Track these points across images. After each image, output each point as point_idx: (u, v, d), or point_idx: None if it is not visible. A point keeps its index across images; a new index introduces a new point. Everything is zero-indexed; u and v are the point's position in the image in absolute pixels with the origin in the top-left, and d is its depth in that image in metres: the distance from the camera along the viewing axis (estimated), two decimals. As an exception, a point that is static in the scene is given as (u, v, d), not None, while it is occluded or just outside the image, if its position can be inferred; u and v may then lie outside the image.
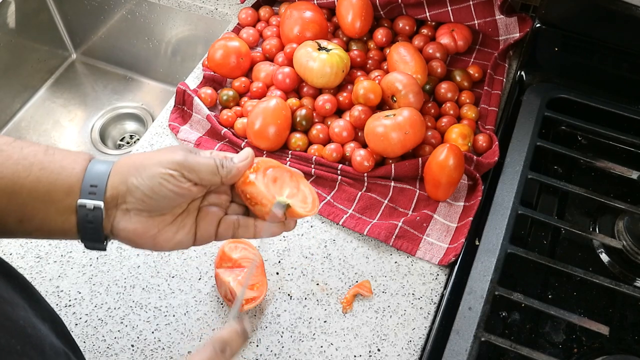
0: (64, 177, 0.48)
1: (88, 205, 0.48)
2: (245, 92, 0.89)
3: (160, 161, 0.49)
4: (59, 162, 0.48)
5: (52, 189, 0.47)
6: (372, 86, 0.80)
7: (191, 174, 0.50)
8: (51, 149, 0.49)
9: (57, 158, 0.49)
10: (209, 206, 0.53)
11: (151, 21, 1.14)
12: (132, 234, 0.50)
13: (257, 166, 0.53)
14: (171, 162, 0.49)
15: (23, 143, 0.49)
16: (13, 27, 1.12)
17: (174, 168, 0.49)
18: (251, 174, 0.52)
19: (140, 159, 0.50)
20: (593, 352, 0.65)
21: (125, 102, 1.22)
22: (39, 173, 0.47)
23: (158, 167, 0.49)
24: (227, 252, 0.68)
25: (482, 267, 0.67)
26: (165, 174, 0.49)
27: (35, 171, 0.47)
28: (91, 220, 0.48)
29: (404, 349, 0.65)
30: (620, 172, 0.79)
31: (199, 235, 0.53)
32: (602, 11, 0.84)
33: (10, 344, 0.39)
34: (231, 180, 0.52)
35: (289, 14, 0.91)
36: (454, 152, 0.72)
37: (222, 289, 0.67)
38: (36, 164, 0.47)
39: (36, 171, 0.47)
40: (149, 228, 0.50)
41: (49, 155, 0.48)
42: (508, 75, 0.91)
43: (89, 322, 0.67)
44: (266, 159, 0.55)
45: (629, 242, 0.71)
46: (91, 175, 0.48)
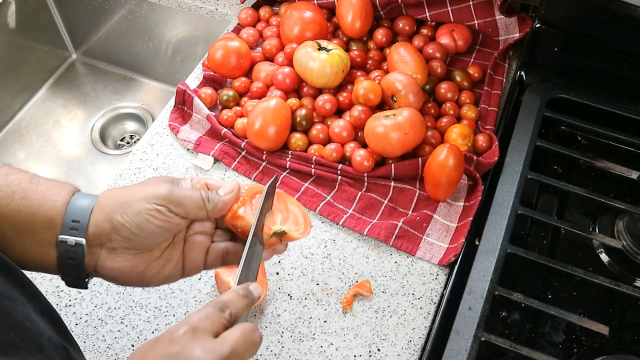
0: (46, 210, 0.47)
1: (69, 241, 0.47)
2: (245, 92, 0.89)
3: (145, 196, 0.48)
4: (41, 193, 0.47)
5: (33, 220, 0.46)
6: (372, 86, 0.80)
7: (177, 208, 0.49)
8: (36, 177, 0.49)
9: (41, 188, 0.48)
10: (194, 235, 0.52)
11: (151, 21, 1.14)
12: (118, 273, 0.49)
13: (244, 198, 0.52)
14: (156, 197, 0.48)
15: (9, 169, 0.48)
16: (13, 27, 1.12)
17: (160, 203, 0.48)
18: (240, 208, 0.51)
19: (124, 194, 0.49)
20: (593, 352, 0.65)
21: (126, 102, 1.22)
22: (20, 202, 0.46)
23: (143, 203, 0.48)
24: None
25: (482, 267, 0.67)
26: (151, 210, 0.48)
27: (16, 200, 0.46)
28: (72, 257, 0.47)
29: (404, 349, 0.65)
30: (620, 172, 0.79)
31: (187, 267, 0.52)
32: (602, 11, 0.84)
33: (9, 337, 0.39)
34: (218, 214, 0.51)
35: (289, 14, 0.91)
36: (454, 152, 0.72)
37: (222, 289, 0.67)
38: (19, 192, 0.46)
39: (18, 200, 0.46)
40: (136, 265, 0.49)
41: (33, 185, 0.47)
42: (508, 75, 0.91)
43: (89, 322, 0.67)
44: (251, 186, 0.53)
45: (629, 242, 0.71)
46: (73, 209, 0.47)
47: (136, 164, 0.82)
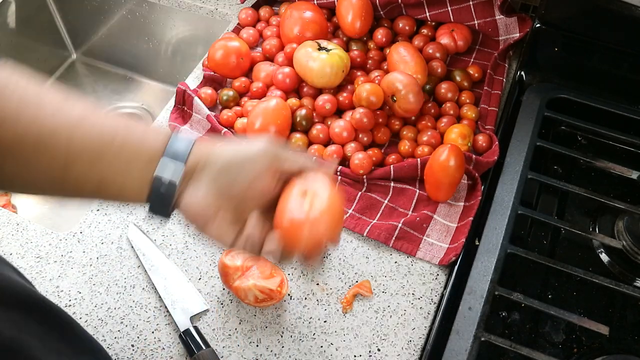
0: (146, 149, 0.48)
1: (164, 179, 0.47)
2: (245, 92, 0.89)
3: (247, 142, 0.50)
4: (141, 133, 0.48)
5: (134, 157, 0.47)
6: (375, 89, 0.80)
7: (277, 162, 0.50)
8: (132, 120, 0.50)
9: (140, 129, 0.49)
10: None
11: (151, 21, 1.14)
12: (192, 208, 0.49)
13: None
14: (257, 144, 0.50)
15: (107, 114, 0.49)
16: (13, 27, 1.12)
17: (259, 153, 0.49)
18: None
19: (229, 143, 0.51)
20: (593, 352, 0.65)
21: (126, 102, 1.22)
22: (123, 140, 0.47)
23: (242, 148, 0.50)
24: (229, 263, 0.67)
25: (482, 267, 0.67)
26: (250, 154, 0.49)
27: (119, 139, 0.47)
28: (163, 193, 0.48)
29: (404, 349, 0.65)
30: (620, 172, 0.79)
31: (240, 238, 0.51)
32: (602, 11, 0.84)
33: None
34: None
35: (289, 14, 0.91)
36: (455, 153, 0.72)
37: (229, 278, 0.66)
38: (120, 132, 0.47)
39: (120, 139, 0.47)
40: (210, 208, 0.49)
41: (131, 126, 0.49)
42: (508, 75, 0.91)
43: (89, 322, 0.67)
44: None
45: (629, 242, 0.71)
46: (172, 149, 0.48)
47: (136, 164, 0.82)
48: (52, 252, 0.72)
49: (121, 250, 0.73)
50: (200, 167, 0.49)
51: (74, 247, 0.73)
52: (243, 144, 0.50)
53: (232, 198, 0.49)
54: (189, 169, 0.48)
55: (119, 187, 0.48)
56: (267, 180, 0.50)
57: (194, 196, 0.49)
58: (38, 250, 0.72)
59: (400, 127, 0.84)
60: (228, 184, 0.49)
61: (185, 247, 0.73)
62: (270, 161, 0.50)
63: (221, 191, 0.49)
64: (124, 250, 0.73)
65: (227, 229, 0.50)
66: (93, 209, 0.76)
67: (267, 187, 0.50)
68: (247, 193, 0.50)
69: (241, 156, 0.49)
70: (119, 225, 0.75)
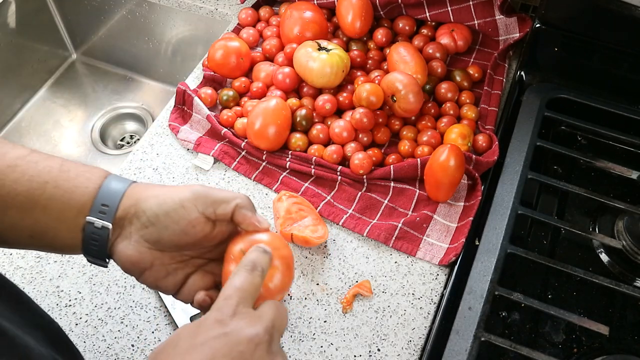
0: (77, 196, 0.47)
1: (96, 224, 0.47)
2: (245, 92, 0.89)
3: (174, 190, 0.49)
4: (73, 181, 0.48)
5: (65, 207, 0.47)
6: (375, 89, 0.80)
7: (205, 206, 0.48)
8: (66, 164, 0.49)
9: (72, 175, 0.48)
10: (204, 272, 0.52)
11: (151, 21, 1.14)
12: (125, 260, 0.49)
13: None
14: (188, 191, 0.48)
15: (38, 157, 0.48)
16: (13, 27, 1.12)
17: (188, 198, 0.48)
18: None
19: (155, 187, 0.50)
20: (593, 352, 0.65)
21: (126, 102, 1.22)
22: (53, 191, 0.47)
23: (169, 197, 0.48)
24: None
25: (482, 267, 0.67)
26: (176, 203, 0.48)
27: (49, 189, 0.47)
28: (96, 239, 0.48)
29: (404, 349, 0.65)
30: (620, 172, 0.79)
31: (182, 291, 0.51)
32: (602, 11, 0.84)
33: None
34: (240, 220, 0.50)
35: (289, 14, 0.91)
36: (455, 153, 0.72)
37: None
38: (50, 182, 0.47)
39: (50, 189, 0.47)
40: (144, 260, 0.49)
41: (63, 173, 0.48)
42: (508, 75, 0.91)
43: (89, 322, 0.67)
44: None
45: (629, 242, 0.71)
46: (104, 193, 0.48)
47: (136, 164, 0.82)
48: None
49: (121, 250, 0.73)
50: (130, 218, 0.48)
51: (74, 247, 0.73)
52: (172, 191, 0.49)
53: (164, 248, 0.49)
54: (120, 218, 0.48)
55: (53, 236, 0.48)
56: (201, 226, 0.48)
57: (126, 248, 0.48)
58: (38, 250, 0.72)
59: (400, 127, 0.84)
60: (158, 236, 0.48)
61: (185, 247, 0.73)
62: (200, 206, 0.48)
63: (151, 243, 0.48)
64: (124, 250, 0.73)
65: (164, 279, 0.50)
66: (93, 209, 0.76)
67: (202, 233, 0.49)
68: (182, 242, 0.49)
69: (169, 205, 0.48)
70: (119, 225, 0.75)
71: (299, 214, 0.72)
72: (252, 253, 0.46)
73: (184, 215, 0.48)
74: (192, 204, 0.48)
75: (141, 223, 0.48)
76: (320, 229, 0.72)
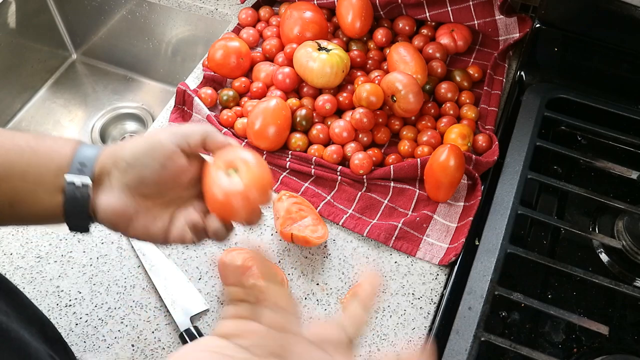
0: (55, 159, 0.48)
1: (76, 182, 0.48)
2: (245, 92, 0.89)
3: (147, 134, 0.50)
4: (49, 146, 0.49)
5: (43, 171, 0.48)
6: (375, 89, 0.80)
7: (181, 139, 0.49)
8: (41, 135, 0.51)
9: (48, 143, 0.49)
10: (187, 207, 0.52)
11: (151, 21, 1.14)
12: (110, 212, 0.49)
13: None
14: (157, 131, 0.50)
15: (14, 132, 0.50)
16: (13, 27, 1.12)
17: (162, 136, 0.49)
18: None
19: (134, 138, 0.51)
20: (593, 352, 0.65)
21: (126, 102, 1.22)
22: (30, 157, 0.48)
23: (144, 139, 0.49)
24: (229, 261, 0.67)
25: (482, 267, 0.67)
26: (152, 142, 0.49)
27: (27, 156, 0.48)
28: (78, 198, 0.48)
29: (403, 349, 0.65)
30: (620, 172, 0.79)
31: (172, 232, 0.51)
32: (602, 11, 0.84)
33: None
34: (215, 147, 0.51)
35: (289, 14, 0.91)
36: (455, 153, 0.72)
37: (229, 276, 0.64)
38: (27, 150, 0.48)
39: (28, 156, 0.48)
40: (128, 207, 0.49)
41: (39, 140, 0.49)
42: (508, 75, 0.91)
43: (89, 322, 0.67)
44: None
45: (629, 242, 0.71)
46: (80, 155, 0.49)
47: (136, 164, 0.82)
48: (52, 252, 0.72)
49: (121, 250, 0.73)
50: (108, 170, 0.49)
51: (74, 247, 0.73)
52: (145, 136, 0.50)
53: (147, 190, 0.49)
54: (99, 172, 0.48)
55: (32, 202, 0.48)
56: (178, 161, 0.49)
57: (109, 200, 0.48)
58: (38, 250, 0.72)
59: (400, 127, 0.84)
60: (139, 178, 0.48)
61: (185, 247, 0.73)
62: (174, 141, 0.49)
63: (134, 187, 0.49)
64: (124, 250, 0.73)
65: (153, 224, 0.50)
66: (93, 209, 0.76)
67: (181, 168, 0.50)
68: (162, 180, 0.49)
69: (143, 146, 0.49)
70: (119, 225, 0.75)
71: (299, 214, 0.72)
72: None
73: (161, 150, 0.49)
74: (168, 140, 0.49)
75: (120, 171, 0.48)
76: (320, 229, 0.72)
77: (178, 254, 0.72)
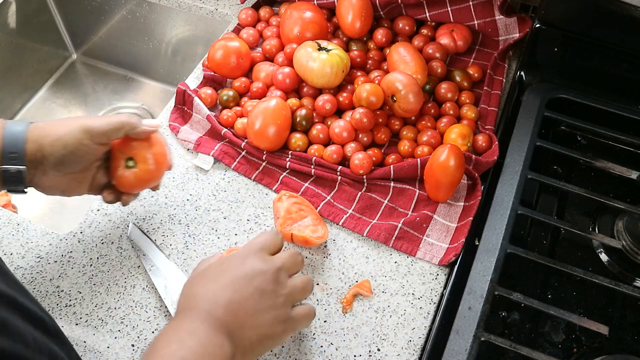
0: None
1: (12, 170, 0.58)
2: (245, 92, 0.89)
3: (71, 130, 0.60)
4: None
5: None
6: (375, 89, 0.80)
7: (101, 137, 0.61)
8: None
9: None
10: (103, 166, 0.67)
11: (151, 21, 1.14)
12: (45, 188, 0.63)
13: None
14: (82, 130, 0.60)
15: None
16: (14, 27, 1.12)
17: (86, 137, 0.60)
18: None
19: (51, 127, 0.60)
20: (593, 352, 0.65)
21: (126, 102, 1.22)
22: None
23: (70, 137, 0.60)
24: None
25: (481, 267, 0.67)
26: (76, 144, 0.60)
27: None
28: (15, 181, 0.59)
29: (403, 348, 0.65)
30: (620, 172, 0.79)
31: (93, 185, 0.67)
32: (602, 11, 0.84)
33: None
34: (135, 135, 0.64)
35: (289, 14, 0.91)
36: (455, 153, 0.72)
37: None
38: None
39: None
40: (61, 183, 0.63)
41: None
42: (508, 75, 0.91)
43: (89, 322, 0.67)
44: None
45: (629, 242, 0.71)
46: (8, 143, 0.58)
47: (136, 164, 0.82)
48: (52, 252, 0.72)
49: (121, 250, 0.73)
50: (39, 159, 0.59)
51: (74, 247, 0.73)
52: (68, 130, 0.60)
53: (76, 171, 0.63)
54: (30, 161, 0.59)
55: None
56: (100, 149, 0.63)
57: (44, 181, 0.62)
58: (38, 250, 0.72)
59: (400, 127, 0.84)
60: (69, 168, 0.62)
61: (185, 247, 0.73)
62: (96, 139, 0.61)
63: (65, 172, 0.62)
64: (124, 250, 0.73)
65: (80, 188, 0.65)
66: (93, 208, 0.77)
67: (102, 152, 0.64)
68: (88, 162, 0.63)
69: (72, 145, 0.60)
70: (119, 225, 0.75)
71: (299, 214, 0.72)
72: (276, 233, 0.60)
73: (85, 150, 0.61)
74: (89, 140, 0.61)
75: (51, 163, 0.60)
76: (320, 229, 0.72)
77: (178, 254, 0.72)
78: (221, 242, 0.73)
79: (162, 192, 0.79)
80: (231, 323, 0.52)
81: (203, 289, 0.54)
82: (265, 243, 0.58)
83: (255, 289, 0.53)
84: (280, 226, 0.71)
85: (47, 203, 1.02)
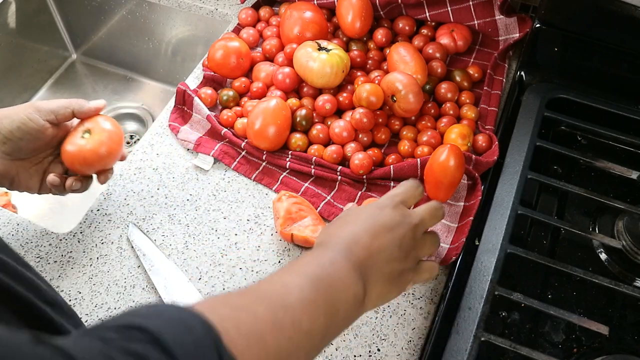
0: None
1: None
2: (245, 92, 0.89)
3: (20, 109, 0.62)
4: None
5: None
6: (375, 89, 0.80)
7: (49, 115, 0.63)
8: None
9: None
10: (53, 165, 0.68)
11: (151, 21, 1.14)
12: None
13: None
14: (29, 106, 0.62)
15: None
16: (14, 27, 1.12)
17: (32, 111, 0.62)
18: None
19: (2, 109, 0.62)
20: (593, 352, 0.65)
21: (126, 102, 1.22)
22: None
23: (18, 114, 0.61)
24: None
25: (482, 267, 0.67)
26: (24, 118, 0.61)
27: None
28: None
29: (403, 349, 0.65)
30: (620, 172, 0.79)
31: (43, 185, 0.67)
32: (602, 11, 0.84)
33: None
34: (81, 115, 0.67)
35: (289, 14, 0.91)
36: (455, 153, 0.72)
37: None
38: None
39: None
40: (10, 171, 0.64)
41: None
42: (508, 75, 0.91)
43: (89, 322, 0.67)
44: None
45: (629, 242, 0.71)
46: None
47: (136, 164, 0.82)
48: (52, 252, 0.72)
49: (121, 250, 0.73)
50: None
51: (74, 247, 0.73)
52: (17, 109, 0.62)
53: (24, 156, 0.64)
54: None
55: None
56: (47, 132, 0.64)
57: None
58: (38, 250, 0.72)
59: (400, 127, 0.84)
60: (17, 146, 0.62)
61: (185, 247, 0.73)
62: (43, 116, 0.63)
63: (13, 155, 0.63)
64: (124, 250, 0.73)
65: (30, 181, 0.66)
66: (93, 209, 0.76)
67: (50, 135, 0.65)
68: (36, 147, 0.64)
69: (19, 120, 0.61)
70: (119, 225, 0.75)
71: (299, 214, 0.72)
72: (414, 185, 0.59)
73: (33, 125, 0.62)
74: (37, 115, 0.62)
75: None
76: (320, 229, 0.72)
77: (178, 254, 0.72)
78: (221, 242, 0.73)
79: (162, 192, 0.79)
80: (367, 267, 0.50)
81: (343, 230, 0.53)
82: (405, 195, 0.57)
83: (393, 240, 0.52)
84: (280, 226, 0.71)
85: (47, 203, 1.02)
